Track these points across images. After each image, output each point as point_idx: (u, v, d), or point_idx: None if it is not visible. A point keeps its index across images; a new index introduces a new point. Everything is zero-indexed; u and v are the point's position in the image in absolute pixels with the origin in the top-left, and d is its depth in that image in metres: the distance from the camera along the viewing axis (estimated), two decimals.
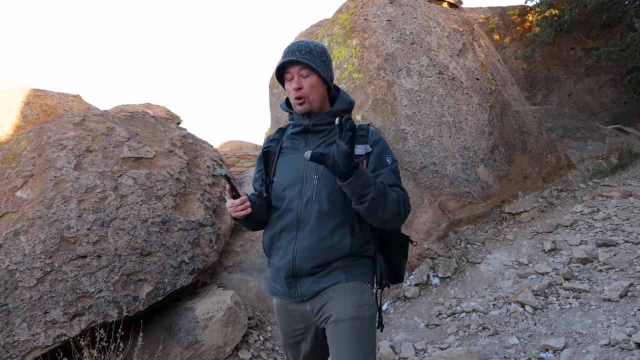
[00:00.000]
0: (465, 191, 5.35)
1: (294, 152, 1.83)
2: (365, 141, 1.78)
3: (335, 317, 1.67)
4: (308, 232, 1.70)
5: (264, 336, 3.94)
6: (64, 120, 4.17)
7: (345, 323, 1.65)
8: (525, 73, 10.75)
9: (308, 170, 1.75)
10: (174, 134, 4.63)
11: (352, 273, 1.73)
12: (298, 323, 1.79)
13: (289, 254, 1.72)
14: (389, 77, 5.75)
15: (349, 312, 1.66)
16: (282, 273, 1.75)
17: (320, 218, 1.70)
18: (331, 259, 1.71)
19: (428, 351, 3.54)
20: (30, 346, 3.02)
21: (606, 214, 5.07)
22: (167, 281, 3.50)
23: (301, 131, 1.81)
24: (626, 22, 9.21)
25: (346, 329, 1.65)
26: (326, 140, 1.80)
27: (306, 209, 1.71)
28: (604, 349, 2.95)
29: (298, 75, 1.75)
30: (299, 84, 1.75)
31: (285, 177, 1.79)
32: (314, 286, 1.71)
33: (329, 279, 1.71)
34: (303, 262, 1.70)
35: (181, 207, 3.90)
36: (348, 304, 1.67)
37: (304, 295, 1.73)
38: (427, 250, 4.81)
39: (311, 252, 1.69)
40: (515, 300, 3.83)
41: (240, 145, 13.59)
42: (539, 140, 6.28)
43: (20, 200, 3.52)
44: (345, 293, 1.70)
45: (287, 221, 1.74)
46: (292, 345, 1.85)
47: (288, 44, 1.88)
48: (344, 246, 1.70)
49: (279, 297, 1.82)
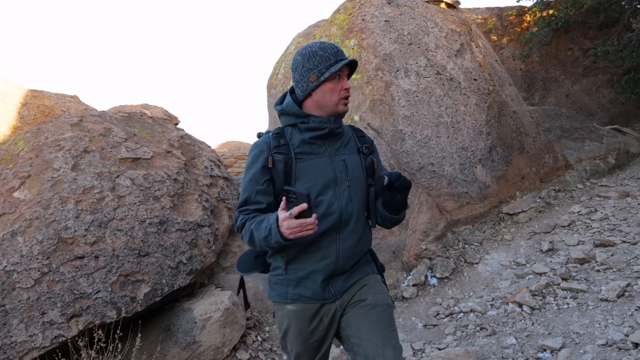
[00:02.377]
0: (463, 191, 5.36)
1: (314, 157, 1.79)
2: (366, 141, 1.95)
3: (372, 302, 1.79)
4: (348, 232, 1.79)
5: (262, 337, 3.94)
6: (62, 121, 4.16)
7: (382, 308, 1.79)
8: (523, 73, 10.77)
9: (338, 173, 1.79)
10: (171, 134, 4.62)
11: (371, 267, 1.92)
12: (324, 324, 1.81)
13: (330, 255, 1.76)
14: (386, 78, 5.75)
15: (384, 299, 1.82)
16: (320, 275, 1.76)
17: (358, 218, 1.82)
18: (361, 255, 1.87)
19: (426, 351, 3.54)
20: (27, 347, 3.01)
21: (604, 214, 5.08)
22: (164, 282, 3.50)
23: (326, 134, 1.80)
24: (623, 23, 9.23)
25: (384, 312, 1.78)
26: (342, 142, 1.86)
27: (347, 210, 1.78)
28: (601, 348, 2.95)
29: (343, 76, 1.81)
30: (347, 85, 1.82)
31: (314, 182, 1.76)
32: (346, 282, 1.82)
33: (357, 273, 1.85)
34: (346, 261, 1.80)
35: (179, 207, 3.89)
36: (380, 292, 1.83)
37: (337, 294, 1.80)
38: (425, 251, 4.82)
39: (353, 250, 1.81)
40: (513, 301, 3.83)
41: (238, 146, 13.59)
42: (537, 140, 6.30)
43: (17, 201, 3.51)
44: (375, 283, 1.86)
45: (327, 225, 1.74)
46: (312, 348, 1.85)
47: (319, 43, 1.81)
48: (369, 242, 1.91)
49: (303, 302, 1.79)
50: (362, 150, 1.89)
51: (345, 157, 1.82)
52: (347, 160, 1.82)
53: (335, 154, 1.81)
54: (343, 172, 1.79)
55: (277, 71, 8.22)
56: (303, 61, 1.79)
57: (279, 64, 8.34)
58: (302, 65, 1.79)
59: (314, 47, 1.79)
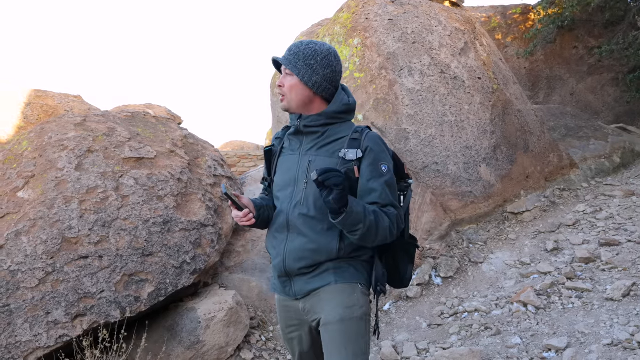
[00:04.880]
0: (467, 191, 5.34)
1: (290, 152, 1.84)
2: (358, 145, 1.72)
3: (325, 320, 1.69)
4: (297, 234, 1.74)
5: (266, 336, 3.94)
6: (65, 121, 4.17)
7: (333, 326, 1.68)
8: (528, 72, 10.73)
9: (300, 173, 1.77)
10: (175, 134, 4.63)
11: (342, 275, 1.72)
12: (294, 319, 1.85)
13: (280, 253, 1.77)
14: (390, 77, 5.74)
15: (337, 314, 1.67)
16: (276, 271, 1.82)
17: (307, 222, 1.71)
18: (319, 261, 1.71)
19: (430, 351, 3.53)
20: (32, 347, 3.02)
21: (609, 214, 5.05)
22: (168, 281, 3.50)
23: (295, 132, 1.82)
24: (629, 21, 9.17)
25: (335, 331, 1.67)
26: (319, 142, 1.78)
27: (294, 212, 1.74)
28: (606, 348, 2.93)
29: (284, 74, 1.80)
30: (282, 82, 1.80)
31: (281, 177, 1.84)
32: (306, 286, 1.75)
33: (319, 280, 1.72)
34: (292, 262, 1.74)
35: (182, 207, 3.90)
36: (336, 306, 1.68)
37: (297, 294, 1.78)
38: (429, 250, 4.80)
39: (298, 253, 1.72)
40: (517, 300, 3.81)
41: (241, 146, 13.60)
42: (541, 139, 6.26)
43: (21, 200, 3.52)
44: (334, 294, 1.70)
45: (279, 222, 1.79)
46: (289, 340, 1.90)
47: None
48: (331, 250, 1.70)
49: (277, 294, 1.89)
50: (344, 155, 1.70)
51: (313, 158, 1.74)
52: (313, 162, 1.73)
53: (306, 153, 1.78)
54: (304, 173, 1.75)
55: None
56: None
57: None
58: None
59: None
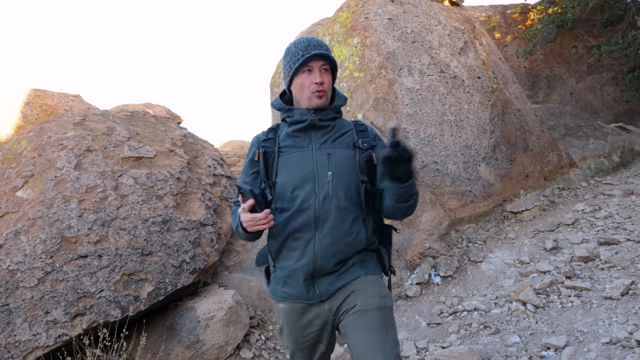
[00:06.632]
0: (466, 190, 5.34)
1: (297, 150, 1.78)
2: (367, 136, 1.84)
3: (361, 307, 1.69)
4: (328, 229, 1.70)
5: (266, 335, 3.94)
6: (64, 120, 4.17)
7: (372, 312, 1.68)
8: (527, 71, 10.73)
9: (319, 167, 1.73)
10: (174, 133, 4.63)
11: (367, 267, 1.77)
12: (314, 325, 1.77)
13: (308, 254, 1.70)
14: (390, 76, 5.74)
15: (375, 302, 1.70)
16: (300, 275, 1.72)
17: (339, 214, 1.71)
18: (350, 255, 1.74)
19: (429, 350, 3.54)
20: (31, 346, 3.02)
21: (608, 213, 5.06)
22: (168, 281, 3.50)
23: (306, 127, 1.77)
24: (628, 20, 9.19)
25: (374, 317, 1.68)
26: (331, 135, 1.80)
27: (324, 206, 1.69)
28: (605, 347, 2.94)
29: (320, 70, 1.78)
30: (322, 79, 1.77)
31: (292, 176, 1.74)
32: (333, 284, 1.73)
33: (349, 275, 1.74)
34: (325, 260, 1.70)
35: (182, 206, 3.90)
36: (372, 295, 1.71)
37: (323, 295, 1.72)
38: (429, 249, 4.81)
39: (333, 248, 1.70)
40: (516, 299, 3.82)
41: (241, 145, 13.60)
42: (541, 138, 6.27)
43: (20, 200, 3.52)
44: (367, 285, 1.73)
45: (302, 221, 1.71)
46: (305, 349, 1.82)
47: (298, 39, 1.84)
48: (361, 240, 1.75)
49: (291, 301, 1.77)
50: (359, 145, 1.80)
51: (331, 150, 1.76)
52: (333, 154, 1.75)
53: (320, 147, 1.77)
54: (325, 166, 1.73)
55: (279, 69, 8.22)
56: (283, 58, 1.87)
57: (281, 62, 8.33)
58: (282, 62, 1.87)
59: (290, 44, 1.84)
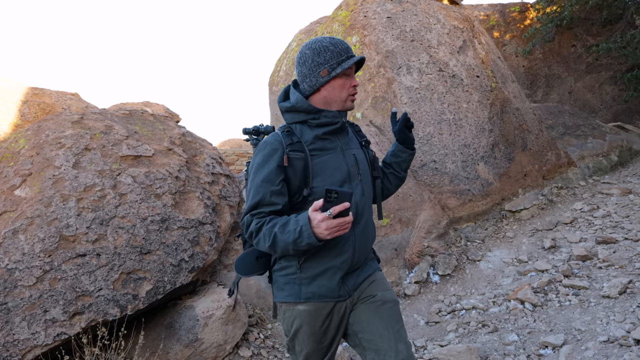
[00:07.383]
0: (465, 189, 5.35)
1: (328, 152, 1.76)
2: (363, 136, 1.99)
3: (382, 298, 1.80)
4: (362, 226, 1.79)
5: (265, 334, 3.94)
6: (62, 119, 4.16)
7: (391, 304, 1.81)
8: (526, 70, 10.74)
9: (351, 168, 1.79)
10: (173, 132, 4.62)
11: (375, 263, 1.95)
12: (335, 322, 1.79)
13: (347, 250, 1.73)
14: (389, 75, 5.74)
15: (392, 295, 1.85)
16: (337, 272, 1.72)
17: (369, 210, 1.85)
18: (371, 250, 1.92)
19: (428, 348, 3.54)
20: (30, 345, 3.02)
21: (606, 212, 5.07)
22: (166, 279, 3.50)
23: (337, 129, 1.79)
24: (627, 19, 9.20)
25: (394, 309, 1.81)
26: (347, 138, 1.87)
27: (361, 204, 1.79)
28: (603, 345, 2.95)
29: (352, 74, 1.83)
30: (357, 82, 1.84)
31: (331, 179, 1.72)
32: (358, 279, 1.82)
33: (367, 269, 1.86)
34: (361, 255, 1.81)
35: (180, 205, 3.89)
36: (388, 289, 1.86)
37: (350, 291, 1.79)
38: (427, 248, 4.81)
39: (367, 245, 1.83)
40: (514, 298, 3.83)
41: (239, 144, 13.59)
42: (539, 137, 6.28)
43: (18, 199, 3.51)
44: (382, 279, 1.88)
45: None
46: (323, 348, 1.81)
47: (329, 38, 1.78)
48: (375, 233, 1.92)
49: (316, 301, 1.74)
50: (363, 144, 1.94)
51: (354, 151, 1.85)
52: (357, 155, 1.85)
53: (346, 148, 1.82)
54: (355, 166, 1.81)
55: (278, 68, 8.21)
56: (313, 55, 1.74)
57: (280, 61, 8.32)
58: (312, 59, 1.74)
59: (325, 42, 1.75)
